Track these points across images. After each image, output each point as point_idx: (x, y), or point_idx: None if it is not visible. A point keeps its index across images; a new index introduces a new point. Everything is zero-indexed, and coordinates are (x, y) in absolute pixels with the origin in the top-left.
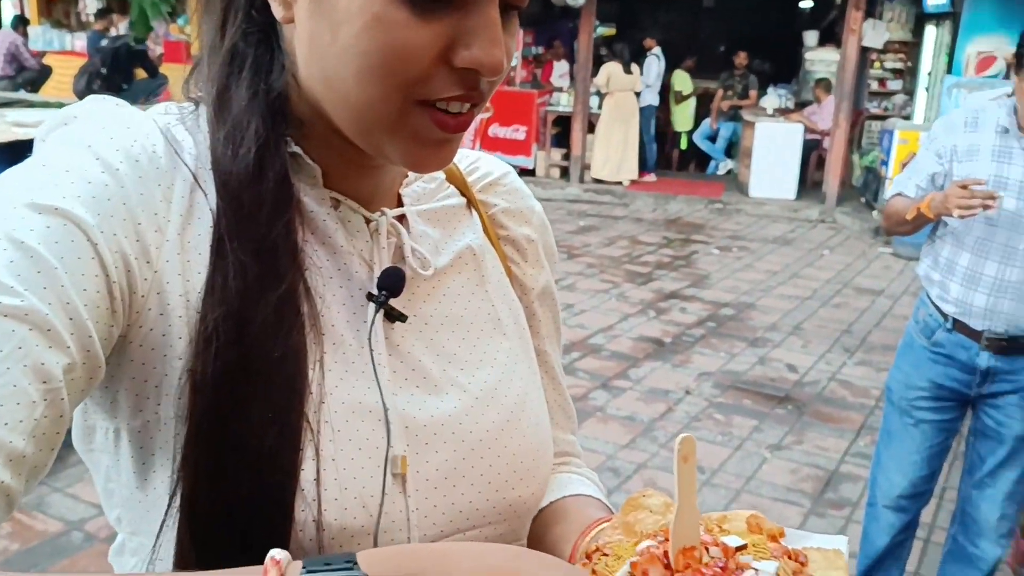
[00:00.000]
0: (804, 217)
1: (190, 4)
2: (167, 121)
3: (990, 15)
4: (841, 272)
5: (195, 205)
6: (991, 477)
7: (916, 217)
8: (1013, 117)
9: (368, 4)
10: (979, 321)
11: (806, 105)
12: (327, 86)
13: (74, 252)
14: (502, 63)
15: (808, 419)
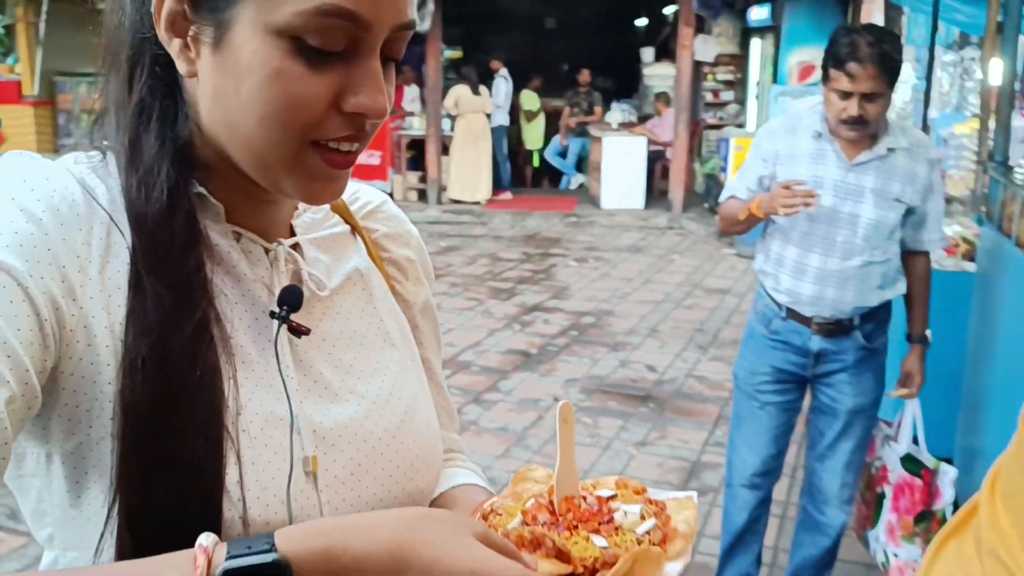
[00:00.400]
0: (653, 225)
1: (99, 60)
2: (80, 170)
3: (807, 27)
4: (690, 275)
5: (112, 245)
6: (830, 449)
7: (748, 217)
8: (824, 124)
9: (268, 59)
10: (808, 308)
11: (648, 118)
12: (231, 131)
13: (7, 296)
14: (385, 107)
15: (669, 415)
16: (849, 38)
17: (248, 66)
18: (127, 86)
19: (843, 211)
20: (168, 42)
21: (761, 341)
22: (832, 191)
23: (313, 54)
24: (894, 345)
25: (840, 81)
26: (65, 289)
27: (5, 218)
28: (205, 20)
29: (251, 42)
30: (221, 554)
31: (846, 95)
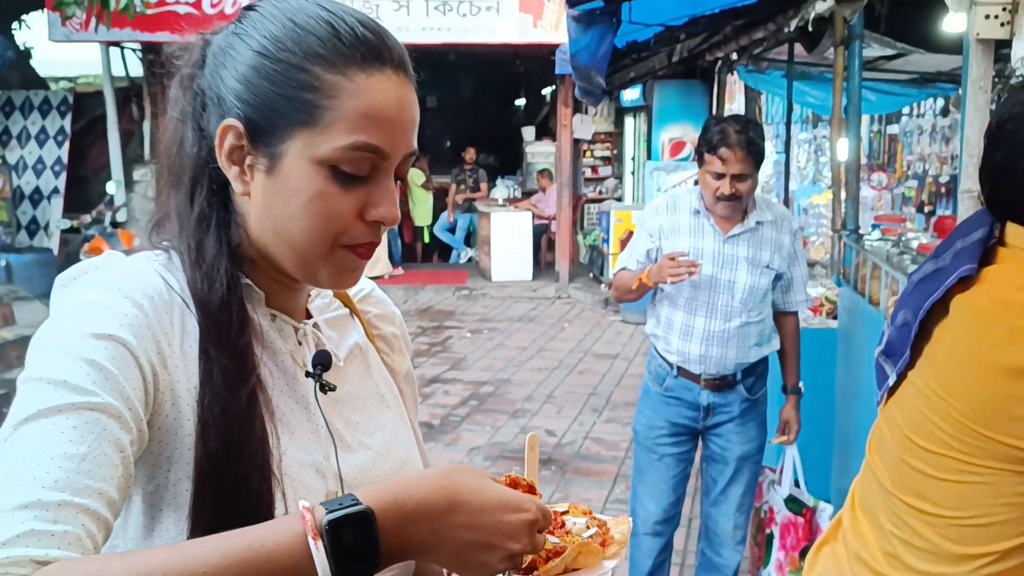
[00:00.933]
0: (543, 295)
1: (159, 177)
2: (156, 267)
3: (676, 107)
4: (581, 342)
5: (186, 325)
6: (723, 494)
7: (639, 286)
8: (701, 201)
9: (311, 183)
10: (696, 366)
11: (532, 194)
12: (277, 237)
13: (126, 364)
14: (398, 216)
15: (571, 476)
16: (720, 127)
17: (295, 188)
18: (189, 199)
19: (721, 278)
20: (227, 168)
21: (656, 398)
22: (711, 261)
23: (345, 178)
24: (772, 397)
25: (714, 164)
26: (159, 360)
27: (116, 304)
28: (261, 153)
29: (298, 169)
30: (321, 512)
31: (719, 176)
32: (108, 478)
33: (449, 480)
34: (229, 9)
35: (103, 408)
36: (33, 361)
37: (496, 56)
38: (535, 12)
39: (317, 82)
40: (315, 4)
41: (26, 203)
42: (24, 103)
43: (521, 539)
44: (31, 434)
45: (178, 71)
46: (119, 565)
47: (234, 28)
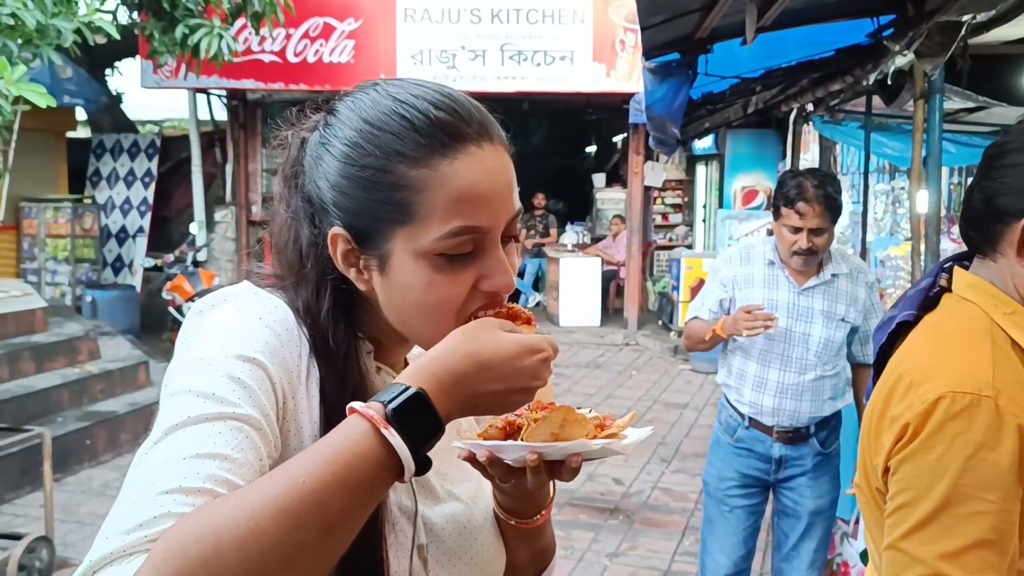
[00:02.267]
0: (610, 342)
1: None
2: (287, 305)
3: (748, 155)
4: (650, 390)
5: (311, 367)
6: (795, 550)
7: (712, 337)
8: (776, 253)
9: (420, 276)
10: (769, 418)
11: (601, 239)
12: (403, 324)
13: (265, 384)
14: (513, 283)
15: (638, 526)
16: (797, 181)
17: (408, 283)
18: (315, 295)
19: (796, 331)
20: (345, 271)
21: (727, 449)
22: (786, 313)
23: (452, 262)
24: (846, 449)
25: (791, 218)
26: (290, 389)
27: (258, 332)
28: (370, 254)
29: (406, 266)
30: (378, 406)
31: (796, 230)
32: (247, 479)
33: (470, 344)
34: (311, 58)
35: (247, 419)
36: (178, 376)
37: (568, 104)
38: (608, 62)
39: (403, 180)
40: (386, 95)
41: (112, 241)
42: (115, 145)
43: (542, 375)
44: (179, 438)
45: (279, 168)
46: (232, 500)
47: (319, 136)
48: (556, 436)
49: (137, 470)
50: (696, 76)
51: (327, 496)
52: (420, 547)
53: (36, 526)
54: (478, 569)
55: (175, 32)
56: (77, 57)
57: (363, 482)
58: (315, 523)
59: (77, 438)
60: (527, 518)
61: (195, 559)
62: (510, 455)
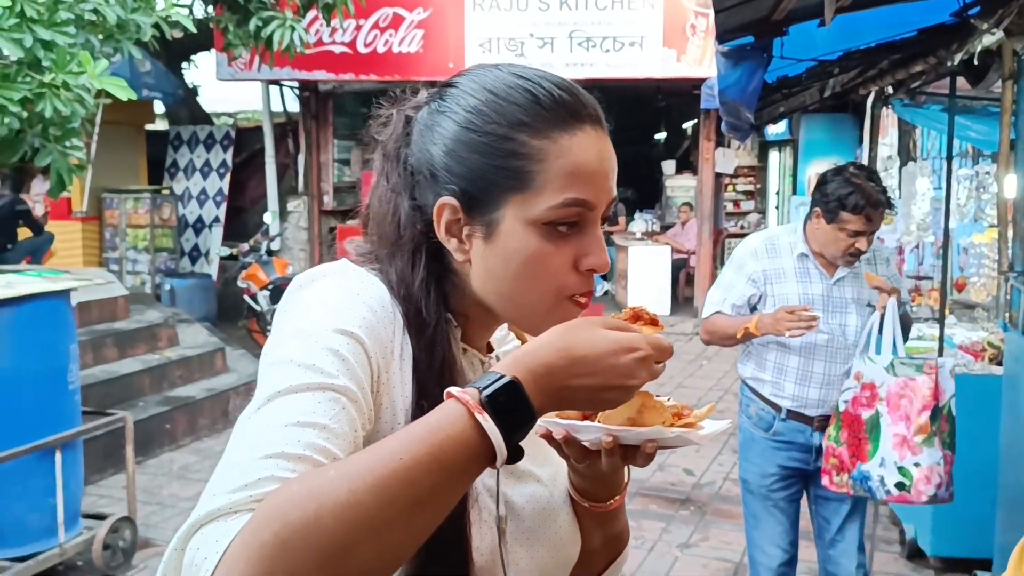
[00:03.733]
0: (680, 331)
1: (378, 239)
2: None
3: (823, 140)
4: (720, 380)
5: (404, 345)
6: (840, 534)
7: (745, 335)
8: (807, 245)
9: (528, 244)
10: (813, 409)
11: (670, 227)
12: (499, 296)
13: (361, 358)
14: (608, 263)
15: (710, 517)
16: (857, 186)
17: (514, 250)
18: (411, 267)
19: (834, 322)
20: (446, 241)
21: (764, 444)
22: (821, 306)
23: (558, 234)
24: None
25: (855, 223)
26: (384, 364)
27: (354, 307)
28: (477, 222)
29: (515, 233)
30: (474, 392)
31: (857, 234)
32: (344, 449)
33: (565, 339)
34: (381, 48)
35: (344, 391)
36: (279, 347)
37: (638, 91)
38: (679, 47)
39: (524, 149)
40: (510, 73)
41: (189, 231)
42: (191, 137)
43: (638, 374)
44: (282, 404)
45: (380, 144)
46: (332, 471)
47: (436, 105)
48: (633, 421)
49: (241, 433)
50: (771, 59)
51: (419, 474)
52: (501, 524)
53: (119, 507)
54: (555, 550)
55: (248, 25)
56: (155, 51)
57: (455, 464)
58: (405, 500)
59: (157, 422)
60: (601, 501)
61: (295, 523)
62: (586, 436)
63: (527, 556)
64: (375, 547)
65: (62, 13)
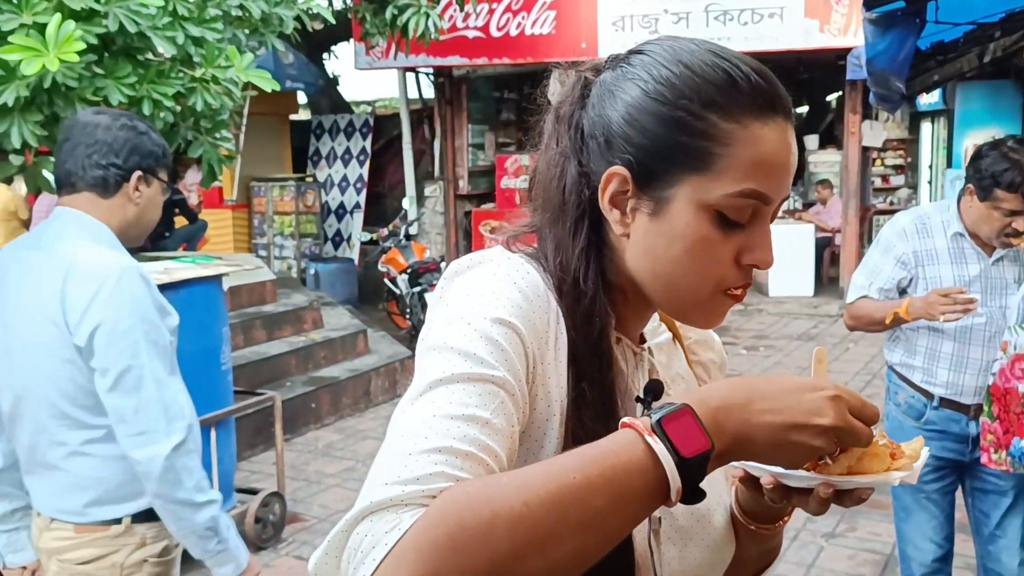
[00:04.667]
0: (824, 313)
1: (540, 204)
2: (537, 269)
3: (981, 110)
4: (868, 363)
5: (559, 332)
6: (1000, 529)
7: (895, 320)
8: (961, 223)
9: (697, 228)
10: (970, 397)
11: (813, 205)
12: (654, 277)
13: (518, 348)
14: (773, 261)
15: (858, 507)
16: (1014, 160)
17: (680, 233)
18: (571, 234)
19: (993, 304)
20: (608, 211)
21: (913, 433)
22: (980, 288)
23: (728, 224)
24: None
25: (1012, 202)
26: (538, 353)
27: (510, 294)
28: (646, 197)
29: (685, 214)
30: (646, 420)
31: (1014, 212)
32: (503, 446)
33: (744, 380)
34: (513, 31)
35: (502, 383)
36: (437, 332)
37: (778, 63)
38: (822, 17)
39: (714, 130)
40: (706, 49)
41: (332, 217)
42: (332, 126)
43: (826, 413)
44: (444, 393)
45: (552, 106)
46: (507, 479)
47: (623, 71)
48: (850, 468)
49: (404, 420)
50: (924, 24)
51: (591, 494)
52: (653, 520)
53: (269, 482)
54: (708, 552)
55: (385, 13)
56: (297, 43)
57: (627, 488)
58: (575, 519)
59: (303, 401)
60: (769, 523)
61: (470, 527)
62: (796, 483)
63: (679, 556)
64: (543, 562)
65: (211, 10)
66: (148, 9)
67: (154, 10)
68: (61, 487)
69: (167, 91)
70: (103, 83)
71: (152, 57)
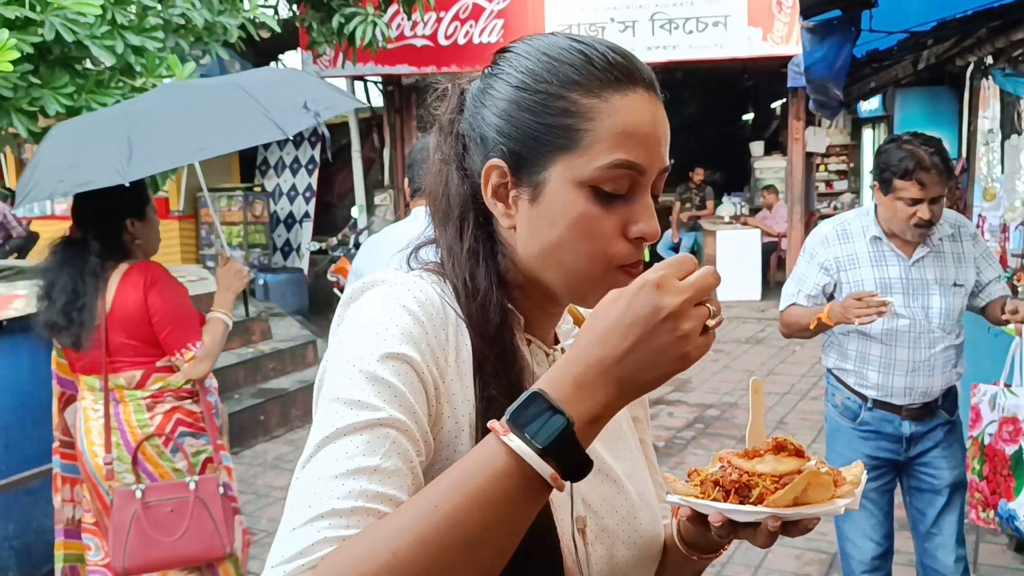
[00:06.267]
0: (771, 316)
1: (433, 215)
2: (432, 283)
3: (920, 115)
4: (815, 366)
5: (460, 341)
6: (936, 527)
7: (818, 326)
8: (879, 227)
9: (575, 206)
10: (900, 398)
11: (760, 211)
12: (545, 262)
13: (410, 378)
14: (659, 231)
15: None
16: (908, 150)
17: (560, 213)
18: (459, 235)
19: (915, 305)
20: (493, 206)
21: (850, 434)
22: (901, 289)
23: (606, 197)
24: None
25: (909, 190)
26: (437, 373)
27: (400, 319)
28: (524, 183)
29: (561, 194)
30: (503, 425)
31: (915, 201)
32: (399, 486)
33: (583, 333)
34: (462, 40)
35: (392, 423)
36: (328, 380)
37: (723, 71)
38: (764, 25)
39: (575, 107)
40: (565, 37)
41: (281, 227)
42: None
43: (664, 299)
44: (330, 452)
45: (436, 118)
46: (378, 532)
47: (490, 71)
48: (796, 499)
49: (296, 489)
50: (859, 33)
51: (463, 516)
52: (578, 520)
53: None
54: (637, 551)
55: (332, 22)
56: (243, 52)
57: (501, 495)
58: (456, 544)
59: (252, 414)
60: (711, 553)
61: None
62: (743, 518)
63: (608, 556)
64: None
65: (151, 19)
66: (86, 18)
67: (92, 19)
68: None
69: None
70: (39, 93)
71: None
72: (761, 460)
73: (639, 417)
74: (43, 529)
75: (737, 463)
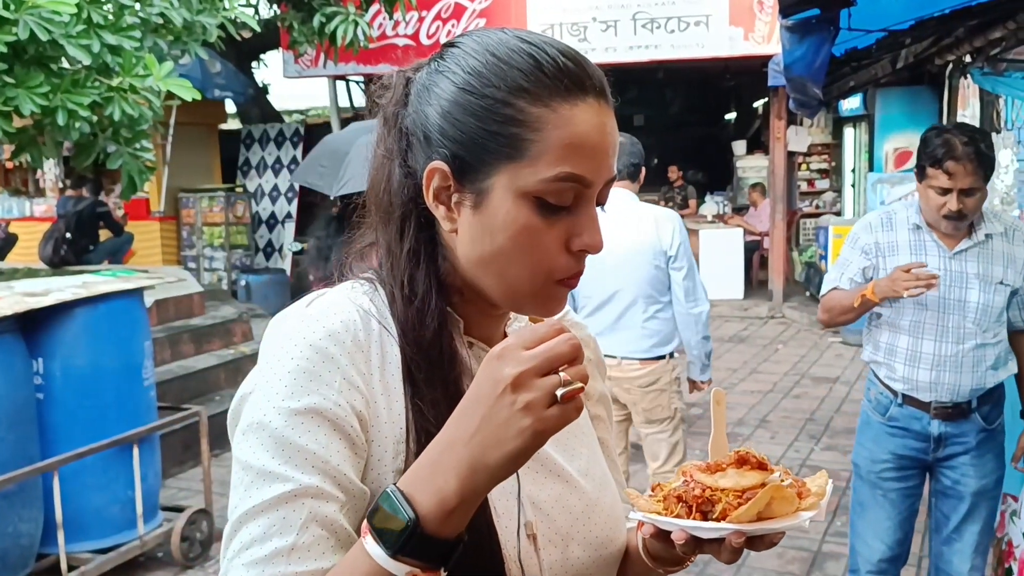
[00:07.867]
0: (754, 315)
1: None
2: (357, 296)
3: (900, 115)
4: (797, 364)
5: (386, 353)
6: (957, 532)
7: (863, 303)
8: (921, 216)
9: (518, 216)
10: (926, 394)
11: (742, 210)
12: (485, 270)
13: (321, 432)
14: (602, 244)
15: None
16: (943, 138)
17: (502, 223)
18: (399, 236)
19: (950, 298)
20: (435, 208)
21: (879, 429)
22: (938, 280)
23: (550, 209)
24: (1009, 422)
25: (939, 178)
26: (359, 399)
27: (302, 361)
28: (467, 190)
29: (505, 203)
30: (365, 528)
31: (945, 191)
32: (320, 554)
33: (446, 427)
34: (443, 39)
35: (304, 492)
36: (240, 436)
37: (705, 71)
38: (746, 25)
39: (522, 116)
40: (515, 37)
41: (263, 228)
42: (262, 135)
43: (502, 371)
44: (248, 534)
45: (381, 108)
46: None
47: (436, 65)
48: (760, 514)
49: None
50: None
51: None
52: (528, 526)
53: (197, 499)
54: (592, 550)
55: (313, 21)
56: (224, 52)
57: None
58: None
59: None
60: (677, 566)
61: None
62: (707, 534)
63: (562, 558)
64: None
65: (128, 18)
66: (60, 17)
67: (67, 17)
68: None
69: (82, 100)
70: (14, 92)
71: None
72: (724, 474)
73: (600, 416)
74: (19, 534)
75: (700, 478)
